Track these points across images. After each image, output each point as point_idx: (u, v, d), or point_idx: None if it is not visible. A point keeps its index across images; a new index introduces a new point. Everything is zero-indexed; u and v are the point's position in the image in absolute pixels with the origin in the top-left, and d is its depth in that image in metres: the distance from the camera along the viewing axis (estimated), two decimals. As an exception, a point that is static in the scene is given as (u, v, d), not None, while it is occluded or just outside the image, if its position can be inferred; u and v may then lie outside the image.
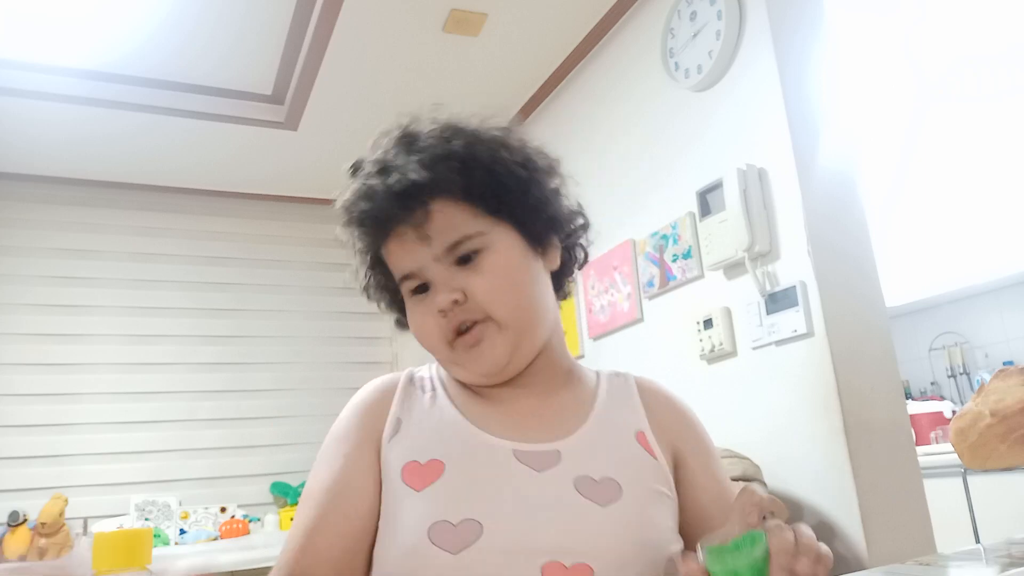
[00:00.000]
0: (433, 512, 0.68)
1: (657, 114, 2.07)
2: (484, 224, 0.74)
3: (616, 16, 2.24)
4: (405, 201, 0.72)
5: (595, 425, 0.77)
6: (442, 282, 0.73)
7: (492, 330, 0.74)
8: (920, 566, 0.73)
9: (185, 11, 2.17)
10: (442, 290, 0.73)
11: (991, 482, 2.45)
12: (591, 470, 0.72)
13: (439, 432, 0.75)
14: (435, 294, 0.73)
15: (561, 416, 0.78)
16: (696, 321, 1.86)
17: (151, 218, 3.23)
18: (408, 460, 0.73)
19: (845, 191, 1.68)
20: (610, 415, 0.79)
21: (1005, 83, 2.75)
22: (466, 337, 0.74)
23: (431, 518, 0.67)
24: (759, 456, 1.63)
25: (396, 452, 0.74)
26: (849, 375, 1.52)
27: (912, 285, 3.30)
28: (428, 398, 0.80)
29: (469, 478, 0.70)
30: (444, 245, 0.73)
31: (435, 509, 0.68)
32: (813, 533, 0.56)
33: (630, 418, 0.80)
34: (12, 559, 2.62)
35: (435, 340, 0.75)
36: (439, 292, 0.73)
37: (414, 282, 0.75)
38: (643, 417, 0.80)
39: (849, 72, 2.42)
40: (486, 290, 0.73)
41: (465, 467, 0.71)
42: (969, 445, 0.84)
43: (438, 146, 0.74)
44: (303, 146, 2.95)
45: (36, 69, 2.39)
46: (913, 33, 2.79)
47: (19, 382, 2.88)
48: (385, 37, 2.30)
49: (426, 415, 0.78)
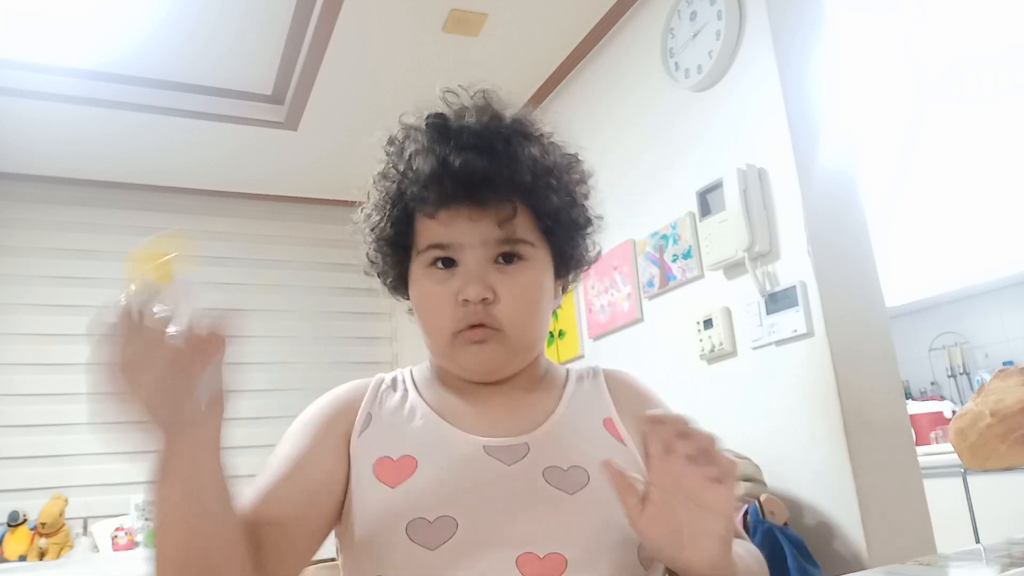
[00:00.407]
0: (409, 509, 0.69)
1: (657, 114, 2.07)
2: (536, 238, 0.76)
3: (616, 16, 2.24)
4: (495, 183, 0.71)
5: (562, 417, 0.78)
6: (477, 272, 0.72)
7: (499, 339, 0.74)
8: (920, 566, 0.73)
9: (185, 11, 2.17)
10: (476, 280, 0.72)
11: (991, 482, 2.45)
12: (559, 460, 0.73)
13: (410, 428, 0.76)
14: (467, 281, 0.72)
15: (530, 411, 0.79)
16: (696, 321, 1.86)
17: (151, 218, 3.23)
18: (380, 456, 0.73)
19: (845, 191, 1.68)
20: (578, 406, 0.81)
21: (1005, 83, 2.75)
22: (473, 333, 0.73)
23: (407, 516, 0.68)
24: (759, 456, 1.63)
25: (366, 446, 0.75)
26: (849, 375, 1.52)
27: (912, 285, 3.30)
28: (399, 396, 0.80)
29: (442, 474, 0.71)
30: (500, 237, 0.73)
31: (411, 506, 0.69)
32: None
33: (598, 407, 0.81)
34: (12, 559, 2.62)
35: (441, 324, 0.74)
36: (473, 282, 0.71)
37: (442, 253, 0.74)
38: (610, 405, 0.82)
39: (849, 72, 2.42)
40: (513, 303, 0.73)
41: (438, 463, 0.72)
42: (969, 445, 0.84)
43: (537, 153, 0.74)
44: (303, 146, 2.94)
45: (36, 69, 2.39)
46: (913, 33, 2.79)
47: (19, 382, 2.88)
48: (385, 37, 2.30)
49: (396, 411, 0.78)
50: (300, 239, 3.46)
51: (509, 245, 0.73)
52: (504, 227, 0.72)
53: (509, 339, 0.74)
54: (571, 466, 0.73)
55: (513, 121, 0.76)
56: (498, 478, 0.71)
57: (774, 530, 1.42)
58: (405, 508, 0.69)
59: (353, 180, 0.84)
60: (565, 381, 0.84)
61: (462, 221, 0.72)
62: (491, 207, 0.72)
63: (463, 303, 0.72)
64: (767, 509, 1.45)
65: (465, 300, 0.72)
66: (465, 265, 0.73)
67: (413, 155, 0.74)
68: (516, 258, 0.74)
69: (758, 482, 1.58)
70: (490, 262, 0.73)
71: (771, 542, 1.41)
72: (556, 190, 0.75)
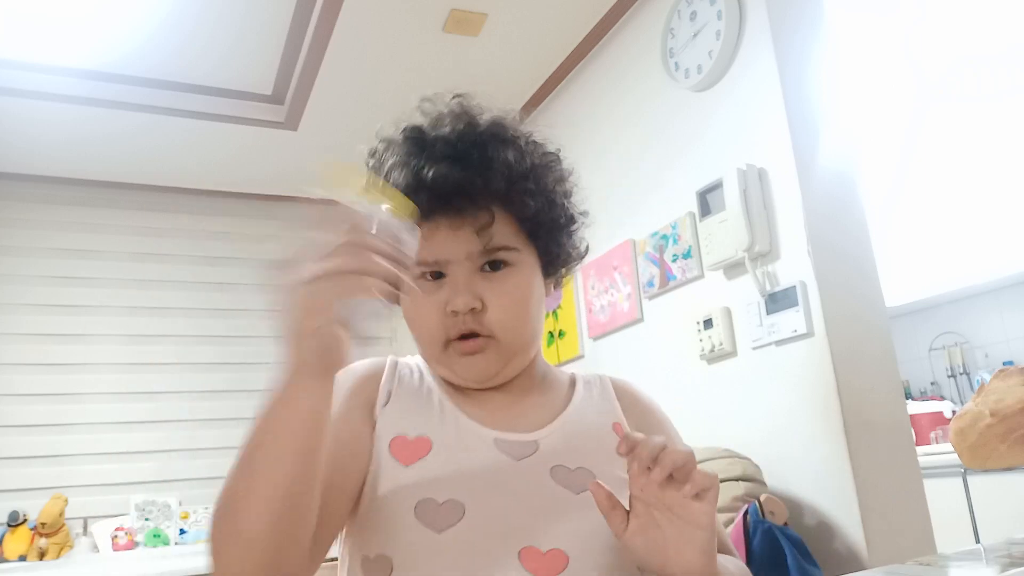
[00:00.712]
0: (420, 489, 0.69)
1: (657, 114, 2.07)
2: (520, 242, 0.76)
3: (616, 16, 2.24)
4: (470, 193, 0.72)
5: (571, 418, 0.80)
6: (464, 283, 0.73)
7: (492, 346, 0.75)
8: (920, 566, 0.73)
9: (185, 11, 2.17)
10: (463, 291, 0.72)
11: (991, 482, 2.45)
12: (566, 460, 0.74)
13: (428, 410, 0.77)
14: (453, 292, 0.72)
15: (538, 410, 0.80)
16: (696, 321, 1.86)
17: (151, 218, 3.23)
18: (397, 434, 0.74)
19: (845, 191, 1.68)
20: (587, 409, 0.82)
21: (1005, 83, 2.75)
22: (465, 344, 0.74)
23: (417, 495, 0.69)
24: (759, 456, 1.63)
25: (386, 422, 0.75)
26: (849, 375, 1.52)
27: (912, 285, 3.30)
28: (417, 377, 0.81)
29: (454, 459, 0.72)
30: (482, 247, 0.73)
31: (421, 486, 0.69)
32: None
33: (607, 410, 0.83)
34: (12, 559, 2.62)
35: (432, 334, 0.75)
36: (459, 293, 0.72)
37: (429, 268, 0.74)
38: (619, 410, 0.84)
39: (849, 72, 2.42)
40: (502, 310, 0.73)
41: (451, 448, 0.73)
42: (969, 445, 0.84)
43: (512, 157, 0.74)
44: (303, 146, 2.94)
45: (36, 69, 2.39)
46: (913, 33, 2.79)
47: (19, 382, 2.88)
48: (385, 37, 2.30)
49: (415, 392, 0.79)
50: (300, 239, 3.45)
51: (492, 254, 0.74)
52: (483, 236, 0.72)
53: (502, 344, 0.75)
54: (578, 467, 0.74)
55: (489, 125, 0.76)
56: (506, 471, 0.72)
57: (774, 530, 1.42)
58: (416, 488, 0.69)
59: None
60: (572, 384, 0.86)
61: (443, 232, 0.72)
62: (469, 216, 0.72)
63: (452, 314, 0.73)
64: (767, 509, 1.45)
65: (454, 312, 0.72)
66: (452, 276, 0.73)
67: (391, 169, 0.75)
68: (502, 264, 0.74)
69: (758, 482, 1.58)
70: (476, 271, 0.74)
71: (771, 542, 1.41)
72: (534, 194, 0.75)
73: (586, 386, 0.86)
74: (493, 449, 0.74)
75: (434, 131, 0.75)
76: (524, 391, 0.81)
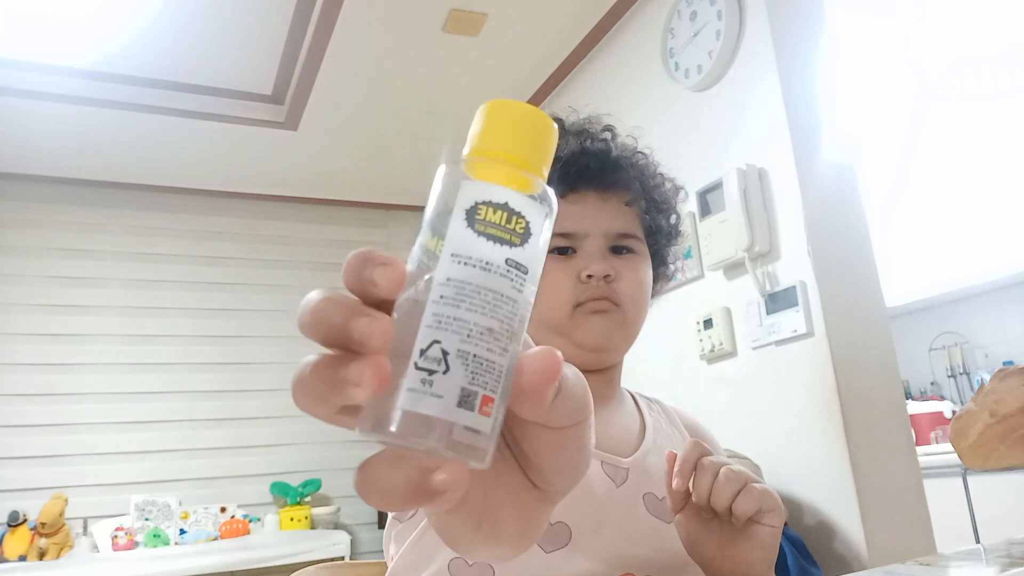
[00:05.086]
0: None
1: (657, 114, 2.07)
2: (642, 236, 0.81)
3: (616, 16, 2.24)
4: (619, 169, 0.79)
5: (652, 444, 0.80)
6: (599, 253, 0.76)
7: (618, 314, 0.76)
8: (920, 566, 0.73)
9: (185, 11, 2.17)
10: (600, 259, 0.76)
11: (991, 482, 2.45)
12: (655, 488, 0.75)
13: None
14: (590, 259, 0.75)
15: (624, 433, 0.80)
16: (696, 321, 1.86)
17: (151, 218, 3.24)
18: None
19: (845, 191, 1.68)
20: (661, 436, 0.83)
21: (1005, 83, 2.75)
22: (596, 303, 0.75)
23: None
24: (759, 456, 1.63)
25: None
26: (849, 375, 1.52)
27: (912, 285, 3.29)
28: None
29: None
30: (620, 229, 0.78)
31: None
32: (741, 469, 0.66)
33: (679, 440, 0.84)
34: (12, 559, 2.62)
35: (563, 300, 0.76)
36: (597, 260, 0.75)
37: (563, 242, 0.76)
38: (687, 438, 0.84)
39: (849, 72, 2.42)
40: (631, 283, 0.77)
41: None
42: (969, 445, 0.84)
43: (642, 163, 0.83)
44: (303, 146, 2.94)
45: (36, 69, 2.39)
46: (913, 33, 2.79)
47: (19, 381, 2.88)
48: (385, 37, 2.30)
49: None
50: (300, 239, 3.46)
51: (623, 239, 0.78)
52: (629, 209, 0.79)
53: (627, 316, 0.77)
54: (663, 496, 0.75)
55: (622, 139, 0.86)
56: (609, 496, 0.72)
57: (774, 530, 1.42)
58: None
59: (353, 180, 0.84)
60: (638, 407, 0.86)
61: (591, 201, 0.77)
62: (618, 190, 0.78)
63: (586, 279, 0.75)
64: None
65: (589, 276, 0.74)
66: (586, 249, 0.76)
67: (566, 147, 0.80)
68: (629, 252, 0.78)
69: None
70: (608, 251, 0.78)
71: (771, 542, 1.41)
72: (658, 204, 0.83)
73: (650, 410, 0.86)
74: (599, 472, 0.73)
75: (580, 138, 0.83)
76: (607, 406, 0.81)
